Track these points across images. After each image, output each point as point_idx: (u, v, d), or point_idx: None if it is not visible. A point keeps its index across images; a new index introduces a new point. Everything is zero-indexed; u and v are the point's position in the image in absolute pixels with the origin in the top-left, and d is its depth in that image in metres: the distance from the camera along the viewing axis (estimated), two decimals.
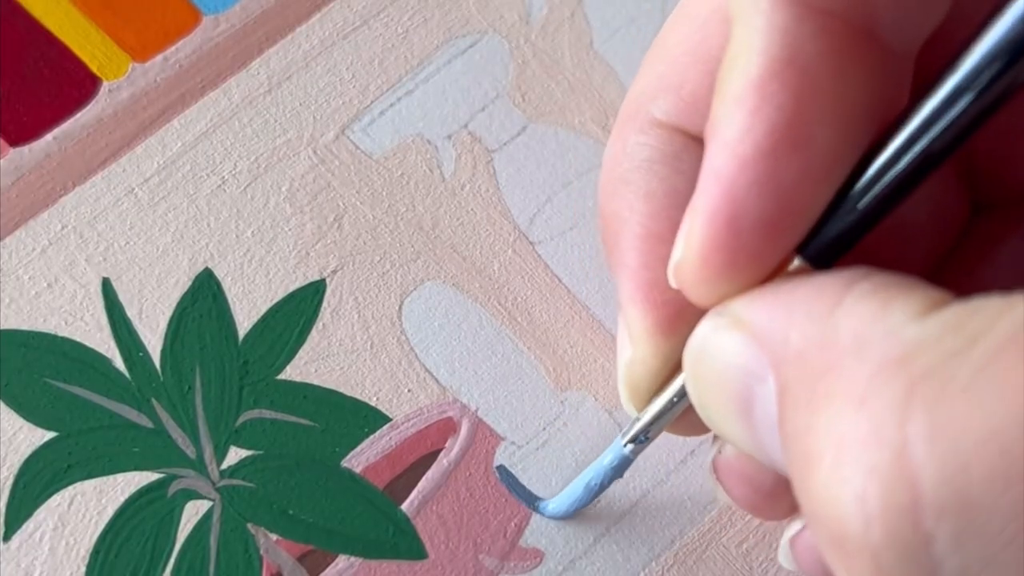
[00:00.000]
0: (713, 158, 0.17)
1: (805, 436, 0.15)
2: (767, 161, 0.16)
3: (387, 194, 0.29)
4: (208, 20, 0.30)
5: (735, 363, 0.17)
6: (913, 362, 0.14)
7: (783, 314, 0.17)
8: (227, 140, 0.29)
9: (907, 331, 0.15)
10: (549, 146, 0.29)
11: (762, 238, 0.17)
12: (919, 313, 0.15)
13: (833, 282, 0.16)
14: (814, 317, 0.16)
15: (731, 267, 0.17)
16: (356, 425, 0.27)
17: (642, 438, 0.23)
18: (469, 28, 0.30)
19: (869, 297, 0.16)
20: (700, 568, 0.26)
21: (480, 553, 0.26)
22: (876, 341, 0.15)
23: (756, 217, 0.17)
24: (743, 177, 0.17)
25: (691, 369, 0.19)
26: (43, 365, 0.26)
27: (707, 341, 0.18)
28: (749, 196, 0.17)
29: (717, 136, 0.17)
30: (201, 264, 0.28)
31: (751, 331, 0.17)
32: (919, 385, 0.14)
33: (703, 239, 0.17)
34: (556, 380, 0.27)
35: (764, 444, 0.18)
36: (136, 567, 0.25)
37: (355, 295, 0.28)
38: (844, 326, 0.15)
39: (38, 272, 0.27)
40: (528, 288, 0.28)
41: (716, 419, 0.19)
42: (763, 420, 0.17)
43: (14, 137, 0.28)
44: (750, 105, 0.17)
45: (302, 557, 0.25)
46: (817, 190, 0.17)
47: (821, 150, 0.17)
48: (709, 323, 0.18)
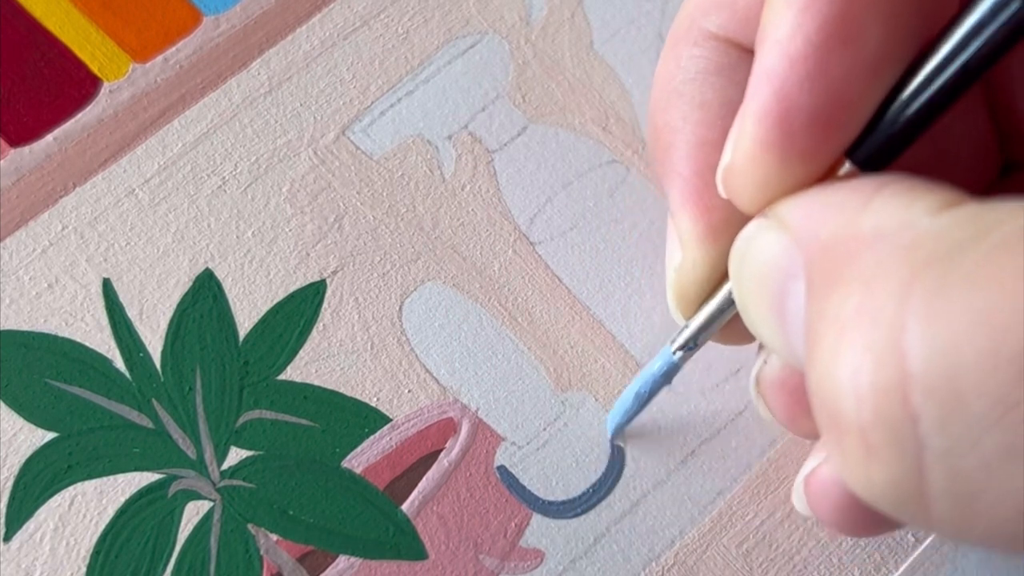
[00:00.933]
0: (764, 58, 0.17)
1: (816, 321, 0.16)
2: (817, 57, 0.16)
3: (387, 195, 0.29)
4: (208, 21, 0.30)
5: (774, 262, 0.18)
6: (920, 249, 0.14)
7: (818, 211, 0.17)
8: (227, 141, 0.29)
9: (921, 223, 0.15)
10: (549, 146, 0.29)
11: (813, 136, 0.17)
12: (937, 208, 0.15)
13: (866, 182, 0.16)
14: (845, 212, 0.16)
15: (782, 166, 0.17)
16: (356, 425, 0.27)
17: (691, 344, 0.23)
18: (469, 29, 0.30)
19: (897, 195, 0.16)
20: (700, 568, 0.26)
21: (480, 553, 0.26)
22: (892, 231, 0.15)
23: (807, 114, 0.17)
24: (794, 74, 0.17)
25: (735, 270, 0.19)
26: (44, 366, 0.26)
27: (750, 241, 0.19)
28: (800, 93, 0.17)
29: (768, 36, 0.17)
30: (202, 265, 0.28)
31: (790, 229, 0.17)
32: (922, 270, 0.14)
33: (754, 138, 0.17)
34: (556, 380, 0.27)
35: (793, 342, 0.18)
36: (136, 567, 0.25)
37: (355, 295, 0.28)
38: (868, 220, 0.16)
39: (39, 273, 0.27)
40: (528, 288, 0.28)
41: (755, 319, 0.19)
42: (794, 317, 0.17)
43: (14, 137, 0.28)
44: (801, 3, 0.16)
45: (302, 557, 0.25)
46: (868, 88, 0.17)
47: (871, 47, 0.17)
48: (754, 224, 0.19)
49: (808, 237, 0.17)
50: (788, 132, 0.17)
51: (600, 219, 0.29)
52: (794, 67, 0.17)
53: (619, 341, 0.28)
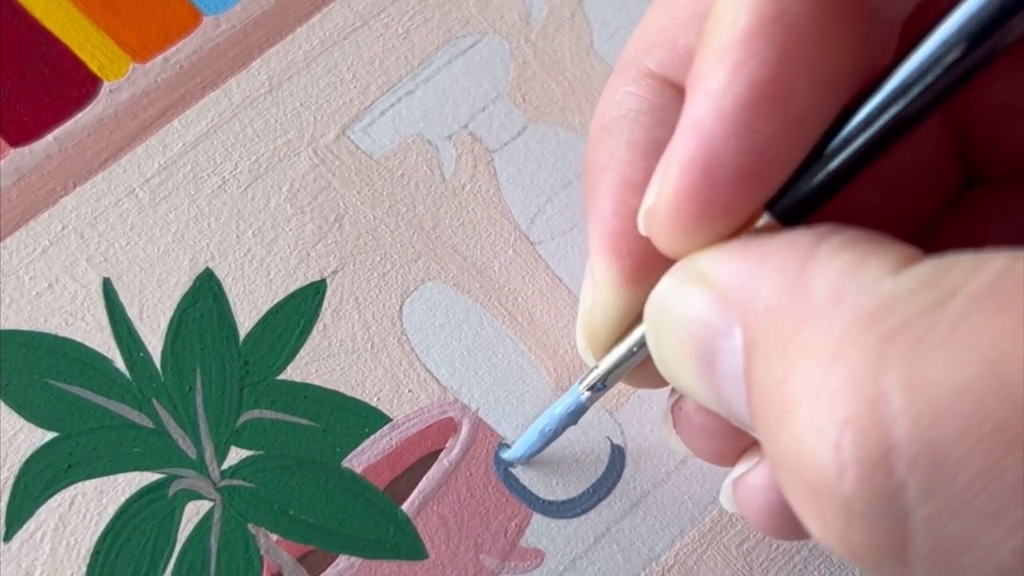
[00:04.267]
0: (693, 107, 0.17)
1: (779, 387, 0.16)
2: (747, 115, 0.17)
3: (388, 194, 0.29)
4: (208, 20, 0.30)
5: (698, 318, 0.18)
6: (889, 315, 0.14)
7: (752, 269, 0.17)
8: (228, 140, 0.29)
9: (883, 285, 0.15)
10: (549, 146, 0.29)
11: (736, 190, 0.17)
12: (894, 268, 0.15)
13: (803, 237, 0.16)
14: (785, 271, 0.16)
15: (703, 217, 0.18)
16: (357, 425, 0.27)
17: (599, 385, 0.23)
18: (469, 28, 0.30)
19: (842, 251, 0.16)
20: (700, 568, 0.26)
21: (481, 553, 0.26)
22: (852, 294, 0.15)
23: (731, 168, 0.17)
24: (721, 128, 0.17)
25: (653, 324, 0.19)
26: (44, 365, 0.26)
27: (670, 296, 0.19)
28: (726, 147, 0.17)
29: (699, 87, 0.17)
30: (202, 264, 0.28)
31: (716, 286, 0.17)
32: (895, 338, 0.14)
33: (677, 186, 0.18)
34: (556, 380, 0.27)
35: (726, 397, 0.18)
36: (137, 567, 0.25)
37: (356, 295, 0.28)
38: (818, 280, 0.16)
39: (39, 272, 0.27)
40: (529, 288, 0.28)
41: (676, 372, 0.19)
42: (726, 374, 0.17)
43: (15, 137, 0.28)
44: (735, 59, 0.17)
45: (302, 557, 0.25)
46: (793, 146, 0.17)
47: (801, 108, 0.17)
48: (672, 278, 0.19)
49: (744, 295, 0.17)
50: (711, 184, 0.17)
51: None
52: (722, 122, 0.17)
53: None
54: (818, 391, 0.15)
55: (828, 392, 0.15)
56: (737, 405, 0.17)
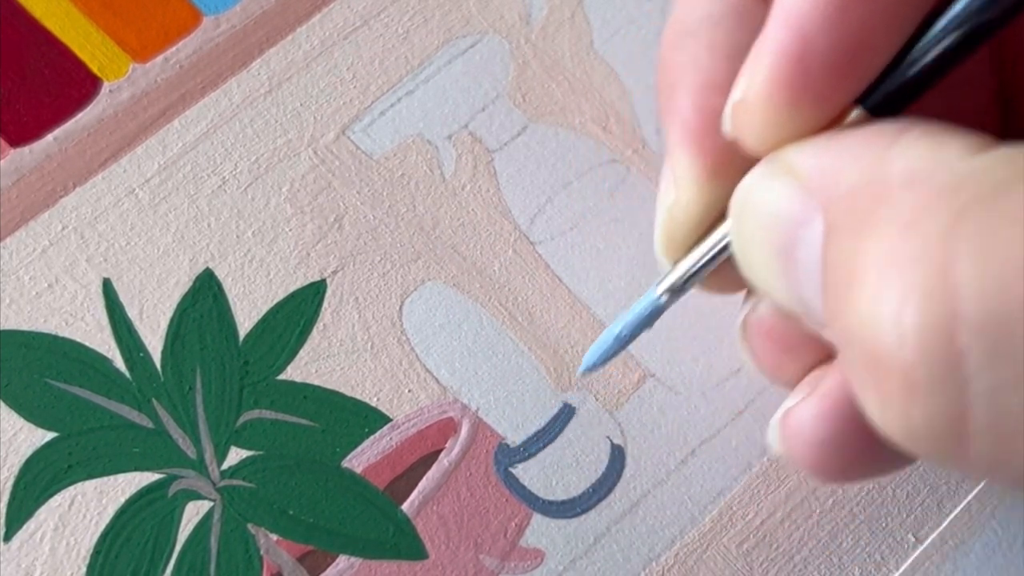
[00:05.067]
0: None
1: (850, 261, 0.15)
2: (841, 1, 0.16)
3: (387, 194, 0.29)
4: (208, 20, 0.30)
5: (782, 208, 0.17)
6: (964, 189, 0.14)
7: (836, 156, 0.17)
8: (228, 140, 0.29)
9: (960, 163, 0.15)
10: (549, 146, 0.29)
11: (829, 78, 0.17)
12: (973, 150, 0.15)
13: (888, 127, 0.16)
14: (867, 157, 0.16)
15: (795, 106, 0.17)
16: (356, 425, 0.27)
17: (678, 287, 0.22)
18: (469, 28, 0.30)
19: (923, 138, 0.16)
20: (700, 568, 0.26)
21: (481, 553, 0.26)
22: (929, 171, 0.15)
23: (825, 56, 0.17)
24: (815, 15, 0.17)
25: (737, 215, 0.19)
26: (44, 365, 0.26)
27: (755, 187, 0.18)
28: (820, 35, 0.17)
29: None
30: (202, 264, 0.28)
31: (801, 176, 0.17)
32: (969, 209, 0.14)
33: (769, 76, 0.17)
34: (556, 380, 0.27)
35: (802, 289, 0.17)
36: (137, 567, 0.25)
37: (356, 295, 0.28)
38: (897, 162, 0.16)
39: (39, 272, 0.27)
40: (529, 288, 0.28)
41: (756, 265, 0.19)
42: (805, 264, 0.17)
43: (15, 138, 0.28)
44: None
45: (302, 557, 0.25)
46: (888, 34, 0.17)
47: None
48: (759, 170, 0.18)
49: (826, 184, 0.17)
50: (804, 72, 0.17)
51: (600, 219, 0.29)
52: (816, 8, 0.17)
53: None
54: (887, 260, 0.15)
55: (897, 260, 0.15)
56: (811, 297, 0.17)
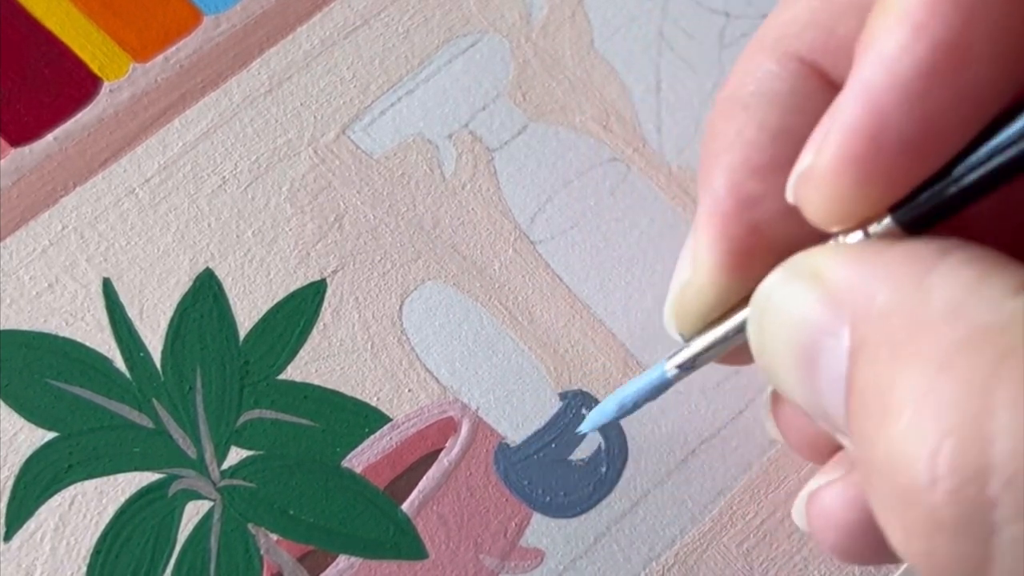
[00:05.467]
0: (864, 69, 0.17)
1: (885, 391, 0.15)
2: (924, 81, 0.16)
3: (388, 194, 0.29)
4: (209, 20, 0.30)
5: (807, 315, 0.17)
6: (1007, 333, 0.14)
7: (870, 272, 0.16)
8: (228, 140, 0.29)
9: (1005, 303, 0.15)
10: (550, 145, 0.29)
11: (901, 158, 0.17)
12: (1017, 289, 0.15)
13: (926, 247, 0.16)
14: (905, 279, 0.16)
15: (863, 184, 0.17)
16: (356, 425, 0.27)
17: (688, 365, 0.22)
18: (470, 27, 0.30)
19: (965, 266, 0.15)
20: (700, 568, 0.26)
21: (481, 553, 0.26)
22: (971, 308, 0.15)
23: (900, 136, 0.16)
24: (894, 93, 0.16)
25: (758, 314, 0.19)
26: (44, 365, 0.26)
27: (780, 289, 0.18)
28: (897, 113, 0.16)
29: (873, 48, 0.17)
30: (202, 264, 0.28)
31: (829, 285, 0.17)
32: (1010, 356, 0.14)
33: (839, 149, 0.17)
34: (557, 380, 0.27)
35: (823, 398, 0.17)
36: (137, 567, 0.25)
37: (356, 295, 0.28)
38: (938, 291, 0.15)
39: (39, 272, 0.27)
40: (529, 287, 0.28)
41: (775, 367, 0.19)
42: (828, 374, 0.17)
43: (15, 137, 0.28)
44: (916, 19, 0.16)
45: (303, 557, 0.25)
46: (966, 121, 0.16)
47: (980, 80, 0.16)
48: (785, 270, 0.18)
49: (858, 299, 0.16)
50: (876, 150, 0.17)
51: (601, 218, 0.29)
52: (896, 86, 0.16)
53: (619, 340, 0.28)
54: (924, 398, 0.15)
55: (934, 400, 0.14)
56: (833, 407, 0.17)
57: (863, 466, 0.16)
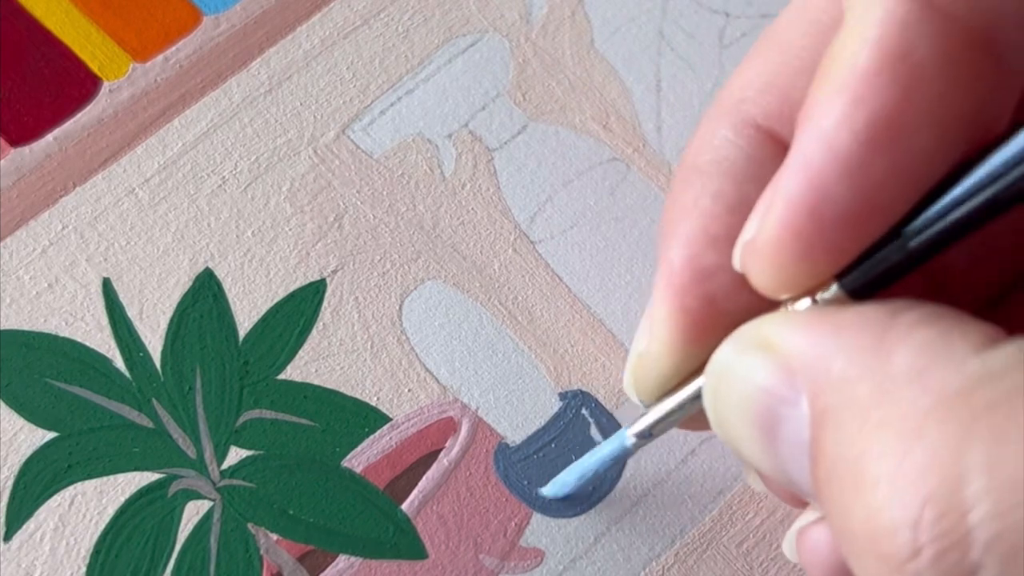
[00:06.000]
0: (804, 143, 0.17)
1: (855, 462, 0.15)
2: (861, 154, 0.16)
3: (387, 193, 0.29)
4: (208, 20, 0.30)
5: (762, 385, 0.17)
6: (975, 395, 0.14)
7: (824, 339, 0.16)
8: (227, 140, 0.29)
9: (968, 364, 0.15)
10: (550, 145, 0.29)
11: (842, 231, 0.17)
12: (978, 347, 0.15)
13: (878, 311, 0.16)
14: (862, 343, 0.16)
15: (804, 257, 0.17)
16: (356, 425, 0.27)
17: (647, 433, 0.23)
18: (470, 27, 0.30)
19: (922, 327, 0.15)
20: (700, 568, 0.26)
21: (480, 553, 0.26)
22: (935, 372, 0.15)
23: (840, 209, 0.16)
24: (833, 167, 0.16)
25: (712, 386, 0.19)
26: (44, 365, 0.26)
27: (733, 361, 0.18)
28: (836, 187, 0.16)
29: (812, 122, 0.17)
30: (202, 264, 0.28)
31: (783, 354, 0.17)
32: (980, 418, 0.14)
33: (780, 223, 0.17)
34: (557, 380, 0.27)
35: (786, 465, 0.18)
36: (136, 567, 0.25)
37: (355, 295, 0.28)
38: (899, 355, 0.15)
39: (39, 272, 0.27)
40: (529, 287, 0.28)
41: (734, 436, 0.19)
42: (789, 443, 0.17)
43: (15, 137, 0.28)
44: (853, 94, 0.16)
45: (302, 557, 0.25)
46: (905, 192, 0.17)
47: (918, 152, 0.16)
48: (735, 342, 0.18)
49: (813, 367, 0.16)
50: (817, 223, 0.17)
51: (600, 217, 0.29)
52: (834, 160, 0.16)
53: (619, 340, 0.28)
54: (898, 468, 0.15)
55: (909, 469, 0.14)
56: (798, 473, 0.17)
57: (839, 534, 0.16)
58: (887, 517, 0.15)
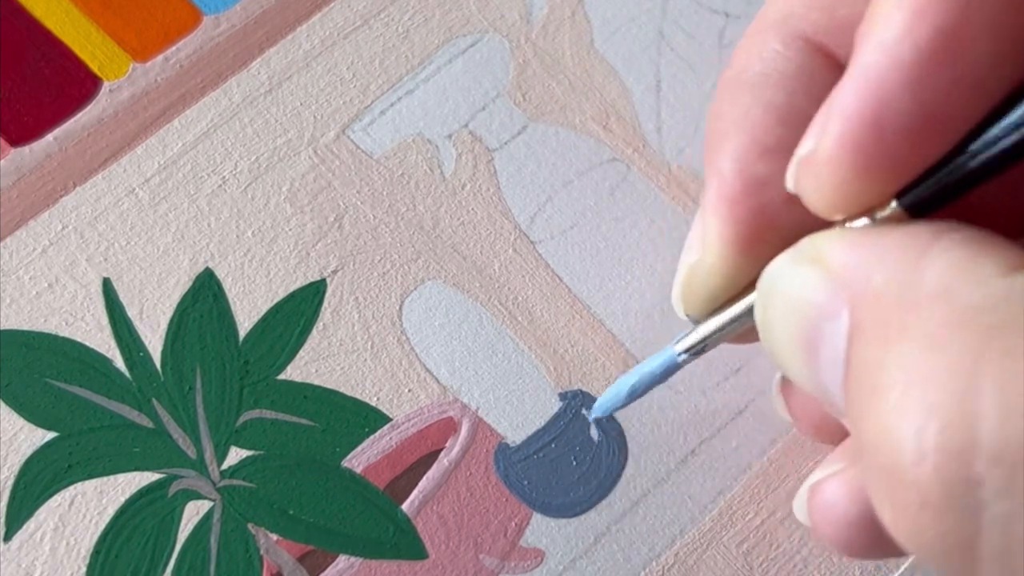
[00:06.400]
0: (865, 55, 0.17)
1: (875, 370, 0.15)
2: (924, 65, 0.16)
3: (387, 194, 0.29)
4: (209, 20, 0.30)
5: (810, 298, 0.17)
6: (994, 312, 0.14)
7: (869, 255, 0.17)
8: (228, 140, 0.29)
9: (992, 283, 0.15)
10: (550, 145, 0.29)
11: (903, 144, 0.17)
12: (1007, 269, 0.15)
13: (922, 230, 0.16)
14: (900, 261, 0.16)
15: (865, 170, 0.17)
16: (356, 425, 0.27)
17: (698, 348, 0.22)
18: (470, 27, 0.30)
19: (958, 247, 0.15)
20: (700, 568, 0.26)
21: (481, 553, 0.26)
22: (960, 288, 0.15)
23: (901, 122, 0.16)
24: (896, 78, 0.16)
25: (763, 297, 0.19)
26: (44, 365, 0.26)
27: (784, 273, 0.18)
28: (899, 99, 0.16)
29: (873, 34, 0.17)
30: (202, 264, 0.28)
31: (831, 268, 0.17)
32: (997, 334, 0.14)
33: (840, 136, 0.17)
34: (556, 379, 0.27)
35: (824, 380, 0.17)
36: (137, 567, 0.25)
37: (355, 295, 0.28)
38: (930, 272, 0.15)
39: (39, 272, 0.27)
40: (529, 287, 0.28)
41: (779, 349, 0.19)
42: (828, 356, 0.17)
43: (15, 137, 0.28)
44: (915, 7, 0.16)
45: (302, 557, 0.25)
46: (966, 106, 0.16)
47: (980, 64, 0.16)
48: (790, 255, 0.18)
49: (856, 281, 0.16)
50: (878, 136, 0.17)
51: (600, 218, 0.29)
52: (897, 71, 0.16)
53: (619, 340, 0.28)
54: (912, 376, 0.15)
55: (922, 379, 0.15)
56: (834, 390, 0.17)
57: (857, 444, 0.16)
58: (895, 425, 0.15)
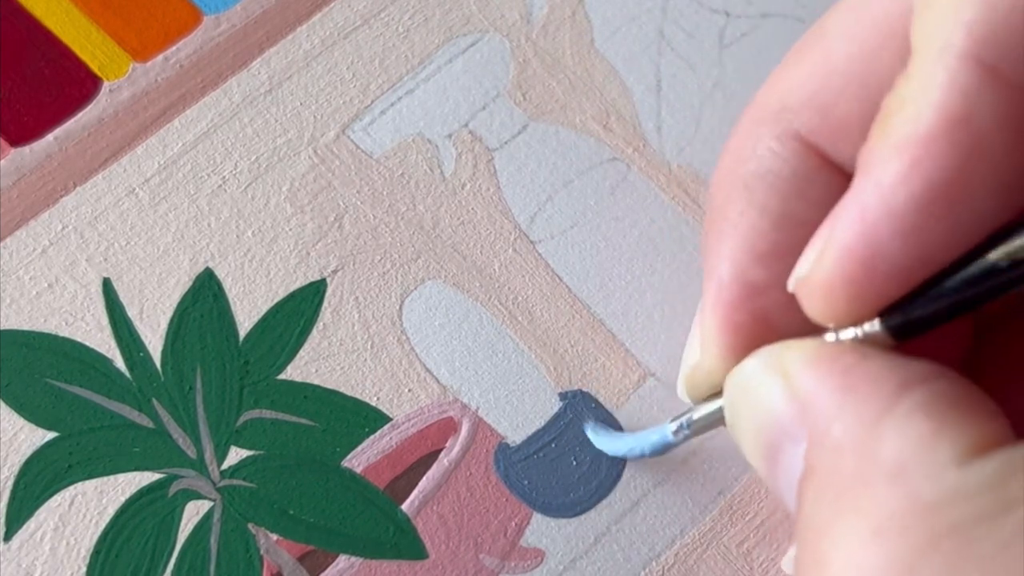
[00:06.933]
0: (862, 194, 0.17)
1: (821, 536, 0.16)
2: (917, 216, 0.16)
3: (388, 194, 0.29)
4: (209, 20, 0.30)
5: (774, 410, 0.18)
6: (943, 512, 0.14)
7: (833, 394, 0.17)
8: (228, 140, 0.29)
9: (947, 475, 0.15)
10: (550, 145, 0.29)
11: (892, 285, 0.17)
12: (965, 455, 0.15)
13: (889, 380, 0.16)
14: (863, 415, 0.16)
15: (853, 301, 0.18)
16: (356, 425, 0.27)
17: (689, 431, 0.23)
18: (470, 27, 0.30)
19: (919, 416, 0.16)
20: (700, 568, 0.26)
21: (481, 553, 0.26)
22: (914, 474, 0.15)
23: (892, 267, 0.17)
24: (889, 225, 0.17)
25: (732, 395, 0.20)
26: (44, 365, 0.26)
27: (753, 378, 0.19)
28: (891, 245, 0.17)
29: (871, 174, 0.17)
30: (202, 264, 0.28)
31: (797, 391, 0.17)
32: (943, 539, 0.14)
33: (833, 268, 0.17)
34: (556, 379, 0.27)
35: (780, 487, 0.18)
36: (137, 567, 0.25)
37: (356, 295, 0.28)
38: (888, 444, 0.16)
39: (39, 272, 0.27)
40: (529, 287, 0.28)
41: (743, 445, 0.19)
42: (785, 473, 0.18)
43: (15, 137, 0.28)
44: (914, 155, 0.16)
45: (302, 557, 0.25)
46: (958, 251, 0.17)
47: (973, 219, 0.16)
48: (759, 361, 0.19)
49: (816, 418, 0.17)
50: (868, 275, 0.17)
51: (601, 217, 0.29)
52: (890, 219, 0.17)
53: (620, 340, 0.28)
54: (852, 561, 0.15)
55: (862, 567, 0.15)
56: (788, 502, 0.18)
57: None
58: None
